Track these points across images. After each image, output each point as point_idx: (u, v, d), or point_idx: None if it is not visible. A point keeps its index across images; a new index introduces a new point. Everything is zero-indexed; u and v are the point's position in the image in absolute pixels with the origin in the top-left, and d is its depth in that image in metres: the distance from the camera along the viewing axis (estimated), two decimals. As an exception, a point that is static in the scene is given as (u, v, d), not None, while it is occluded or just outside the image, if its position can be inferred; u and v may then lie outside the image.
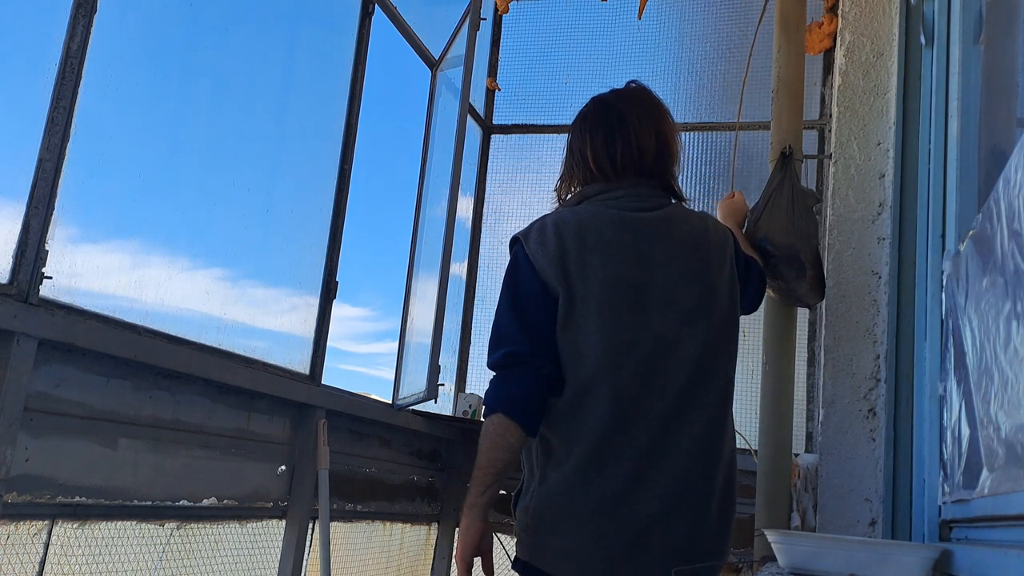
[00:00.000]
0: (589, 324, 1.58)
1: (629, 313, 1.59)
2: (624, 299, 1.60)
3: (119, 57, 2.11)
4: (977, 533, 1.44)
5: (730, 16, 3.96)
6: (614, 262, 1.61)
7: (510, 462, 1.59)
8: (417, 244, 3.63)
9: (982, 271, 1.32)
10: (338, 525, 3.04)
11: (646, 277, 1.62)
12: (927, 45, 2.20)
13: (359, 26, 3.21)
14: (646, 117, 1.75)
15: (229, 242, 2.61)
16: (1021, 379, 1.07)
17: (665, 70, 4.05)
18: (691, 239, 1.68)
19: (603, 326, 1.58)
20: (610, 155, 1.71)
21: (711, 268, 1.67)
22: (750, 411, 3.43)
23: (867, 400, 2.29)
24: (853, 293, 2.37)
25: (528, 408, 1.58)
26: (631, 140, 1.71)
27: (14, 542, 1.83)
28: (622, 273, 1.61)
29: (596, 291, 1.59)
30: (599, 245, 1.62)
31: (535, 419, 1.59)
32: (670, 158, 1.77)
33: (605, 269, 1.60)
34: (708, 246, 1.69)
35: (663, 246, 1.65)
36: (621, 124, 1.72)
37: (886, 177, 2.37)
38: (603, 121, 1.74)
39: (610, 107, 1.76)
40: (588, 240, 1.62)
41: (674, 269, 1.64)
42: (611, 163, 1.71)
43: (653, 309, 1.60)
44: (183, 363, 2.17)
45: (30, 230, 1.82)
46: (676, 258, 1.65)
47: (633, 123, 1.72)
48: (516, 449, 1.59)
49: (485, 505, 1.59)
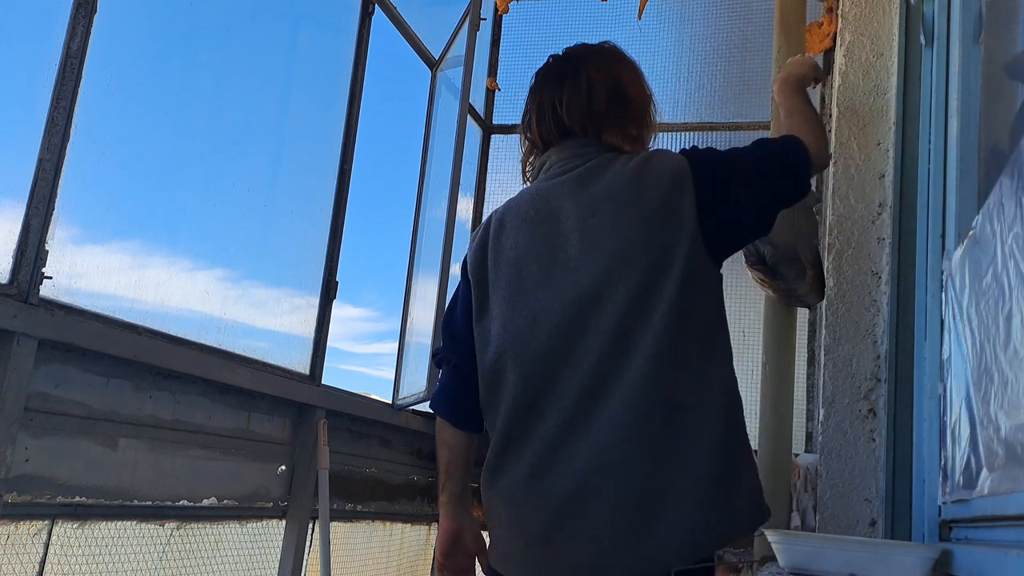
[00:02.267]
0: (495, 309, 1.50)
1: (538, 288, 1.45)
2: (534, 274, 1.46)
3: (119, 57, 2.11)
4: (977, 533, 1.44)
5: (730, 16, 3.96)
6: (525, 238, 1.49)
7: (454, 459, 1.56)
8: (417, 244, 3.63)
9: (982, 271, 1.32)
10: (338, 525, 3.04)
11: (559, 244, 1.45)
12: (927, 45, 2.20)
13: (359, 26, 3.21)
14: (602, 63, 1.57)
15: (230, 242, 2.61)
16: (1021, 379, 1.07)
17: (665, 70, 4.05)
18: (613, 187, 1.44)
19: (505, 308, 1.47)
20: (554, 113, 1.54)
21: (637, 214, 1.41)
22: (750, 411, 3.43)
23: (867, 400, 2.29)
24: (853, 293, 2.37)
25: (448, 402, 1.57)
26: (581, 93, 1.53)
27: (14, 542, 1.83)
28: (532, 248, 1.47)
29: (505, 273, 1.50)
30: (515, 225, 1.52)
31: (460, 413, 1.56)
32: (623, 107, 1.55)
33: (516, 249, 1.50)
34: (636, 188, 1.43)
35: (578, 205, 1.46)
36: (573, 75, 1.55)
37: (886, 177, 2.37)
38: (552, 78, 1.58)
39: (565, 59, 1.60)
40: (507, 223, 1.54)
41: (591, 226, 1.43)
42: (556, 124, 1.54)
43: (566, 276, 1.43)
44: (183, 363, 2.17)
45: (30, 230, 1.82)
46: (593, 214, 1.44)
47: (585, 73, 1.55)
48: (455, 445, 1.56)
49: (447, 503, 1.57)
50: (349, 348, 3.48)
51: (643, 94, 1.61)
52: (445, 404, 1.58)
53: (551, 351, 1.41)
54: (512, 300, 1.48)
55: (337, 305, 3.03)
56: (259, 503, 2.59)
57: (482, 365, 1.51)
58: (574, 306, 1.40)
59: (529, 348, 1.43)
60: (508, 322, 1.47)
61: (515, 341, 1.45)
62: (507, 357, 1.46)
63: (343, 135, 3.10)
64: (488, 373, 1.49)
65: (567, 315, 1.41)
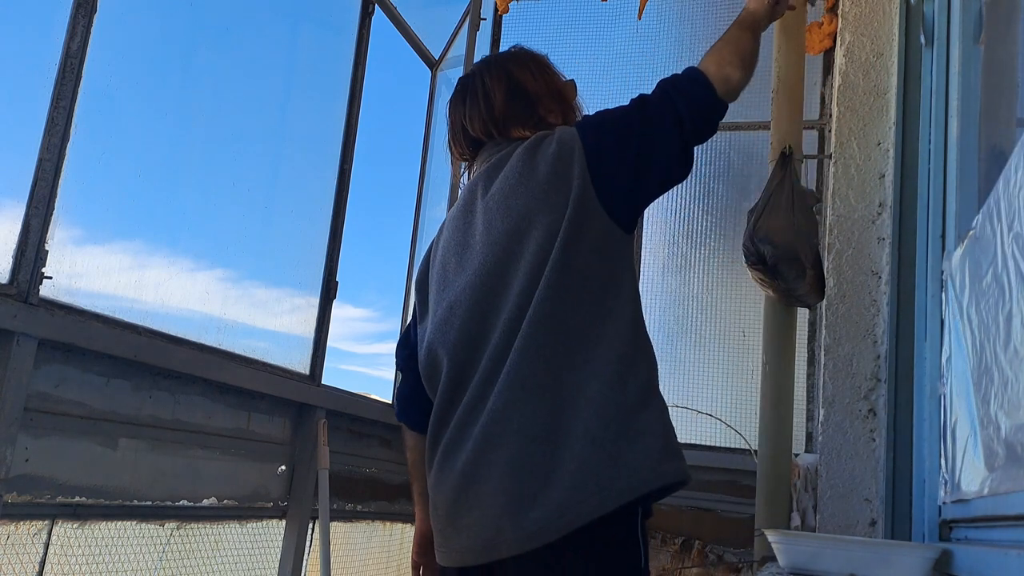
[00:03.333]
0: (430, 307, 1.54)
1: (456, 278, 1.47)
2: (452, 265, 1.49)
3: (119, 57, 2.11)
4: (977, 533, 1.44)
5: (730, 17, 3.94)
6: (448, 234, 1.54)
7: (415, 460, 1.60)
8: (417, 244, 3.63)
9: (982, 271, 1.32)
10: (338, 525, 3.04)
11: (469, 233, 1.49)
12: (927, 45, 2.20)
13: (359, 26, 3.21)
14: (497, 69, 1.59)
15: (230, 242, 2.61)
16: (1021, 379, 1.07)
17: (665, 70, 4.02)
18: (511, 168, 1.46)
19: (434, 304, 1.52)
20: (463, 129, 1.58)
21: (527, 189, 1.42)
22: (750, 411, 3.43)
23: (867, 400, 2.29)
24: (853, 293, 2.36)
25: (402, 407, 1.61)
26: (479, 102, 1.56)
27: (14, 542, 1.83)
28: (452, 242, 1.52)
29: (436, 271, 1.54)
30: (446, 228, 1.57)
31: (410, 416, 1.60)
32: (526, 102, 1.56)
33: (442, 247, 1.54)
34: (528, 164, 1.45)
35: (484, 193, 1.49)
36: (472, 88, 1.59)
37: (886, 177, 2.37)
38: (457, 95, 1.63)
39: (467, 75, 1.64)
40: (442, 229, 1.59)
41: (489, 208, 1.46)
42: (466, 138, 1.59)
43: (473, 261, 1.45)
44: (183, 363, 2.17)
45: (30, 230, 1.82)
46: (492, 197, 1.46)
47: (481, 82, 1.58)
48: (413, 447, 1.61)
49: (416, 503, 1.62)
50: (349, 348, 3.47)
51: (547, 83, 1.61)
52: (399, 409, 1.63)
53: (468, 337, 1.42)
54: (438, 295, 1.51)
55: (337, 305, 3.03)
56: (259, 503, 2.59)
57: (420, 364, 1.52)
58: (480, 289, 1.42)
59: (450, 338, 1.44)
60: (435, 316, 1.49)
61: (440, 333, 1.46)
62: (437, 350, 1.47)
63: (343, 135, 3.10)
64: (425, 370, 1.51)
65: (475, 299, 1.42)
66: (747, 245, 2.31)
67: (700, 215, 3.84)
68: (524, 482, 1.29)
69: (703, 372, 3.65)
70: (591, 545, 1.28)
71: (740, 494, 3.32)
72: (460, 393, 1.41)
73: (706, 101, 1.46)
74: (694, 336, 3.72)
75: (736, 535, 3.36)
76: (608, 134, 1.44)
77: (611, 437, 1.29)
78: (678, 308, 3.77)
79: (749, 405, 3.45)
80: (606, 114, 1.49)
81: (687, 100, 1.45)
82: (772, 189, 2.32)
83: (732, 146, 3.91)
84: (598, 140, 1.44)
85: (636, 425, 1.32)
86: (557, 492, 1.27)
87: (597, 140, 1.44)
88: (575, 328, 1.35)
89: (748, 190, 3.68)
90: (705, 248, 3.82)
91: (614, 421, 1.30)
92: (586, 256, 1.38)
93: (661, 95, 1.48)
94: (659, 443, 1.32)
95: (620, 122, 1.46)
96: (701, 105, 1.46)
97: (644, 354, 1.40)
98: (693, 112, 1.44)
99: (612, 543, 1.30)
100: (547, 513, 1.27)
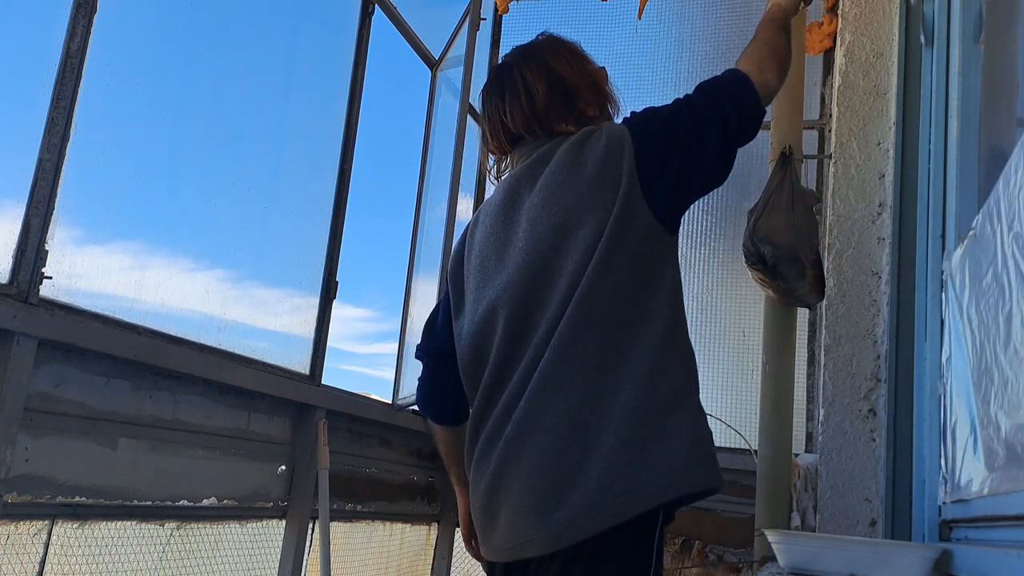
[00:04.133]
0: (467, 303, 1.52)
1: (497, 275, 1.46)
2: (492, 262, 1.48)
3: (119, 57, 2.11)
4: (977, 533, 1.44)
5: (730, 16, 3.97)
6: (487, 229, 1.52)
7: (447, 450, 1.65)
8: (417, 244, 3.63)
9: (982, 271, 1.32)
10: (338, 525, 3.04)
11: (512, 229, 1.47)
12: (927, 45, 2.20)
13: (359, 26, 3.21)
14: (535, 62, 1.57)
15: (230, 242, 2.61)
16: (1021, 379, 1.07)
17: (665, 70, 4.05)
18: (557, 164, 1.45)
19: (472, 301, 1.50)
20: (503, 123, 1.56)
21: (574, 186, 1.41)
22: (750, 411, 3.43)
23: (867, 400, 2.29)
24: (853, 293, 2.37)
25: (423, 399, 1.65)
26: (519, 97, 1.54)
27: (14, 542, 1.83)
28: (492, 238, 1.50)
29: (473, 267, 1.52)
30: (484, 219, 1.55)
31: (432, 408, 1.63)
32: (567, 95, 1.55)
33: (481, 242, 1.52)
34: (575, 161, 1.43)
35: (529, 189, 1.47)
36: (511, 81, 1.56)
37: (886, 177, 2.37)
38: (493, 88, 1.60)
39: (503, 66, 1.61)
40: (480, 219, 1.57)
41: (534, 205, 1.44)
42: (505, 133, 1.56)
43: (516, 258, 1.43)
44: (183, 363, 2.17)
45: (30, 230, 1.82)
46: (538, 193, 1.45)
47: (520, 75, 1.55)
48: (443, 438, 1.64)
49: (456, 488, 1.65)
50: (349, 348, 3.48)
51: (585, 74, 1.59)
52: (420, 401, 1.66)
53: (511, 334, 1.41)
54: (477, 292, 1.49)
55: (338, 305, 3.03)
56: (259, 503, 2.59)
57: (461, 361, 1.52)
58: (524, 286, 1.40)
59: (493, 336, 1.43)
60: (474, 314, 1.48)
61: (482, 331, 1.45)
62: (480, 347, 1.46)
63: (343, 135, 3.10)
64: (467, 367, 1.50)
65: (519, 295, 1.40)
66: (747, 245, 2.31)
67: (700, 215, 3.84)
68: (551, 481, 1.28)
69: (703, 372, 3.61)
70: (611, 548, 1.27)
71: (740, 494, 3.32)
72: (500, 391, 1.40)
73: (749, 104, 1.47)
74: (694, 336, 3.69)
75: (736, 535, 3.36)
76: (657, 133, 1.43)
77: (639, 440, 1.28)
78: (678, 308, 3.76)
79: (749, 405, 3.45)
80: (655, 112, 1.48)
81: (733, 102, 1.45)
82: (772, 189, 2.32)
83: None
84: (648, 139, 1.42)
85: (666, 428, 1.29)
86: (582, 494, 1.26)
87: (647, 139, 1.42)
88: (612, 328, 1.34)
89: (748, 190, 3.68)
90: (705, 248, 3.82)
91: (644, 424, 1.29)
92: (629, 256, 1.37)
93: (707, 97, 1.47)
94: (687, 447, 1.30)
95: (669, 121, 1.45)
96: (745, 108, 1.46)
97: (680, 356, 1.39)
98: (739, 114, 1.45)
99: (630, 547, 1.29)
100: (571, 514, 1.26)
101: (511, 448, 1.33)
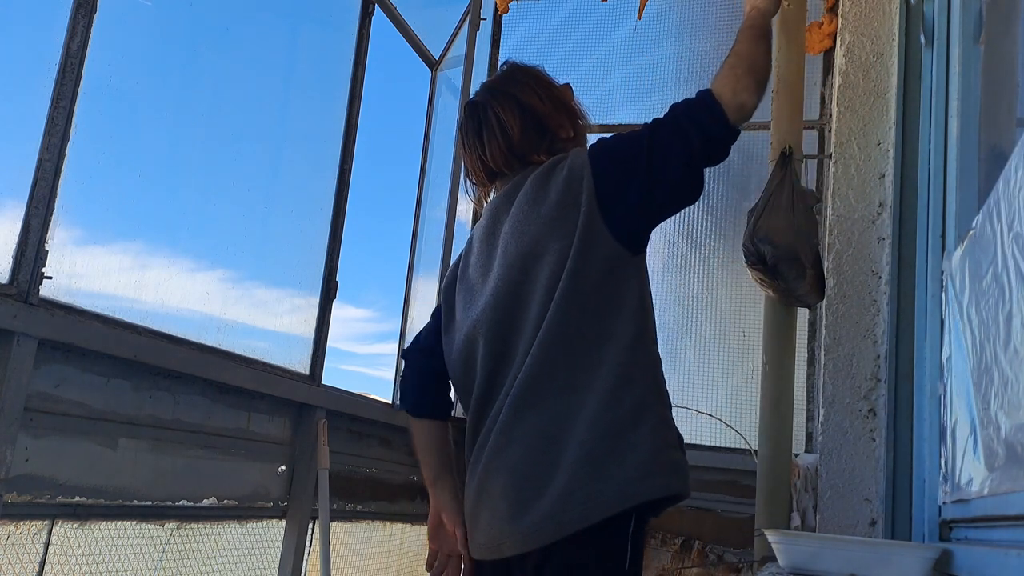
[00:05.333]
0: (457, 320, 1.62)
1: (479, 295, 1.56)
2: (479, 284, 1.58)
3: (119, 57, 2.11)
4: (977, 533, 1.44)
5: (730, 16, 3.96)
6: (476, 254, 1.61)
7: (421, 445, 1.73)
8: (417, 244, 3.63)
9: (982, 271, 1.32)
10: (338, 525, 3.03)
11: (492, 255, 1.57)
12: (927, 45, 2.20)
13: (359, 26, 3.21)
14: (506, 99, 1.63)
15: (230, 242, 2.61)
16: (1021, 379, 1.07)
17: (665, 70, 4.05)
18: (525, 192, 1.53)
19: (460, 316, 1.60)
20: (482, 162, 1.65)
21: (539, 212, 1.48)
22: (750, 411, 3.43)
23: (867, 400, 2.29)
24: (853, 293, 2.37)
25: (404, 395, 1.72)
26: (496, 136, 1.62)
27: (14, 542, 1.83)
28: (477, 263, 1.60)
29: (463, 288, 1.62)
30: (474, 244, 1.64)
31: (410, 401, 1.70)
32: (539, 127, 1.62)
33: (472, 264, 1.62)
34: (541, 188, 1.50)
35: (506, 215, 1.56)
36: (486, 121, 1.64)
37: (886, 177, 2.37)
38: (471, 129, 1.68)
39: (476, 105, 1.68)
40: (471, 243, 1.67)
41: (508, 233, 1.53)
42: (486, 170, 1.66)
43: (492, 283, 1.53)
44: (183, 363, 2.17)
45: (30, 230, 1.82)
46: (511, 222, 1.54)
47: (495, 115, 1.62)
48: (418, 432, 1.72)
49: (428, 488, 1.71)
50: (350, 348, 3.48)
51: (552, 98, 1.66)
52: (402, 398, 1.73)
53: (492, 356, 1.51)
54: (464, 311, 1.60)
55: (338, 306, 3.03)
56: (259, 503, 2.59)
57: (452, 376, 1.64)
58: (498, 310, 1.50)
59: (477, 356, 1.53)
60: (462, 332, 1.58)
61: (468, 350, 1.56)
62: (468, 365, 1.57)
63: (343, 135, 3.10)
64: (459, 381, 1.61)
65: (495, 319, 1.50)
66: (747, 245, 2.30)
67: (700, 215, 3.84)
68: (522, 490, 1.40)
69: (703, 372, 3.65)
70: (581, 550, 1.37)
71: (740, 494, 3.32)
72: (489, 406, 1.51)
73: (717, 130, 1.48)
74: (694, 336, 3.72)
75: (736, 535, 3.36)
76: (617, 160, 1.49)
77: (600, 453, 1.37)
78: (678, 308, 3.77)
79: (749, 405, 3.44)
80: (617, 139, 1.53)
81: (699, 129, 1.46)
82: (772, 189, 2.32)
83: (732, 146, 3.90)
84: (607, 165, 1.48)
85: (626, 440, 1.38)
86: (548, 501, 1.37)
87: (606, 165, 1.48)
88: (579, 350, 1.43)
89: (748, 190, 3.68)
90: (705, 248, 3.81)
91: (607, 436, 1.38)
92: (593, 279, 1.44)
93: (673, 123, 1.49)
94: (645, 458, 1.38)
95: (630, 147, 1.49)
96: (713, 135, 1.47)
97: (644, 371, 1.45)
98: (704, 142, 1.47)
99: (600, 549, 1.38)
100: (538, 518, 1.37)
101: (492, 458, 1.46)
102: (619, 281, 1.46)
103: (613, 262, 1.45)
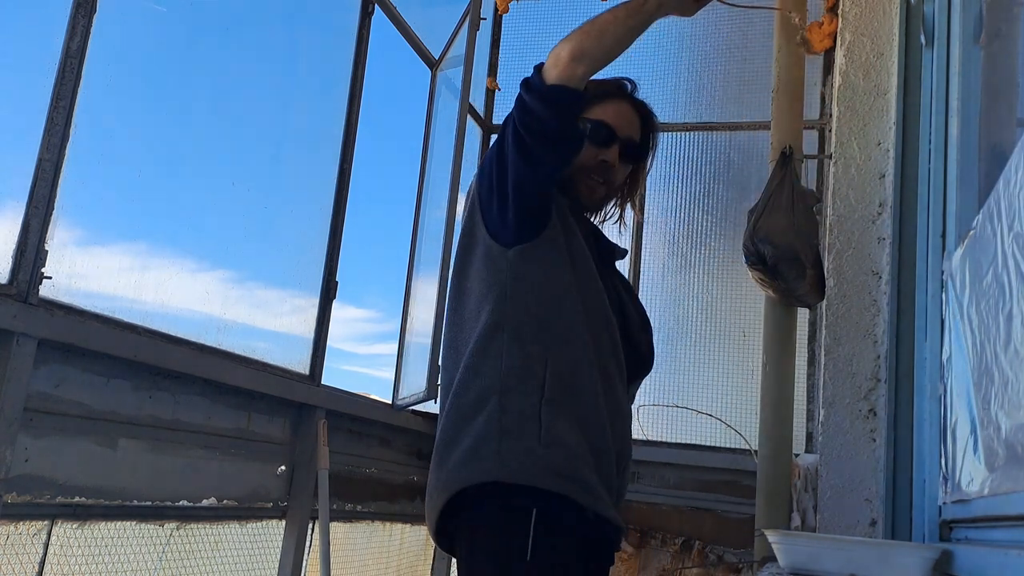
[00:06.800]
0: None
1: None
2: None
3: (119, 57, 2.11)
4: (977, 533, 1.44)
5: (730, 16, 3.96)
6: None
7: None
8: (417, 244, 3.63)
9: (982, 271, 1.32)
10: (338, 525, 3.03)
11: None
12: (927, 45, 2.20)
13: (359, 26, 3.20)
14: None
15: (230, 242, 2.61)
16: (1021, 379, 1.07)
17: (665, 70, 4.05)
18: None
19: None
20: None
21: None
22: (750, 411, 3.44)
23: (867, 400, 2.29)
24: (853, 293, 2.36)
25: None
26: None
27: (14, 542, 1.83)
28: None
29: None
30: None
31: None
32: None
33: None
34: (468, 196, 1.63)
35: None
36: None
37: (886, 177, 2.37)
38: None
39: None
40: None
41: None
42: None
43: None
44: (183, 363, 2.17)
45: (30, 230, 1.82)
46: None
47: None
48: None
49: None
50: (350, 348, 3.48)
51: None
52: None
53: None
54: None
55: (339, 306, 3.03)
56: (259, 503, 2.59)
57: None
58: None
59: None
60: None
61: None
62: None
63: (343, 135, 3.10)
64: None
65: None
66: (747, 245, 2.31)
67: (700, 215, 3.84)
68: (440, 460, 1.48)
69: (703, 372, 3.65)
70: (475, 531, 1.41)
71: (740, 494, 3.32)
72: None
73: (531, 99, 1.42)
74: (694, 336, 3.72)
75: (736, 535, 3.36)
76: (487, 155, 1.55)
77: (446, 440, 1.45)
78: (678, 308, 3.77)
79: (749, 405, 3.45)
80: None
81: (518, 104, 1.46)
82: (772, 189, 2.32)
83: (732, 146, 3.91)
84: (484, 163, 1.55)
85: (464, 429, 1.42)
86: (445, 471, 1.44)
87: (483, 163, 1.55)
88: (461, 354, 1.50)
89: (748, 190, 3.68)
90: (705, 248, 3.82)
91: (451, 427, 1.45)
92: (474, 277, 1.51)
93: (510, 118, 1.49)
94: (471, 445, 1.40)
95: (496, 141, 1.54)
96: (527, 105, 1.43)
97: (494, 359, 1.44)
98: (520, 113, 1.43)
99: (492, 534, 1.39)
100: (439, 482, 1.44)
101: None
102: (490, 272, 1.48)
103: (489, 257, 1.49)
